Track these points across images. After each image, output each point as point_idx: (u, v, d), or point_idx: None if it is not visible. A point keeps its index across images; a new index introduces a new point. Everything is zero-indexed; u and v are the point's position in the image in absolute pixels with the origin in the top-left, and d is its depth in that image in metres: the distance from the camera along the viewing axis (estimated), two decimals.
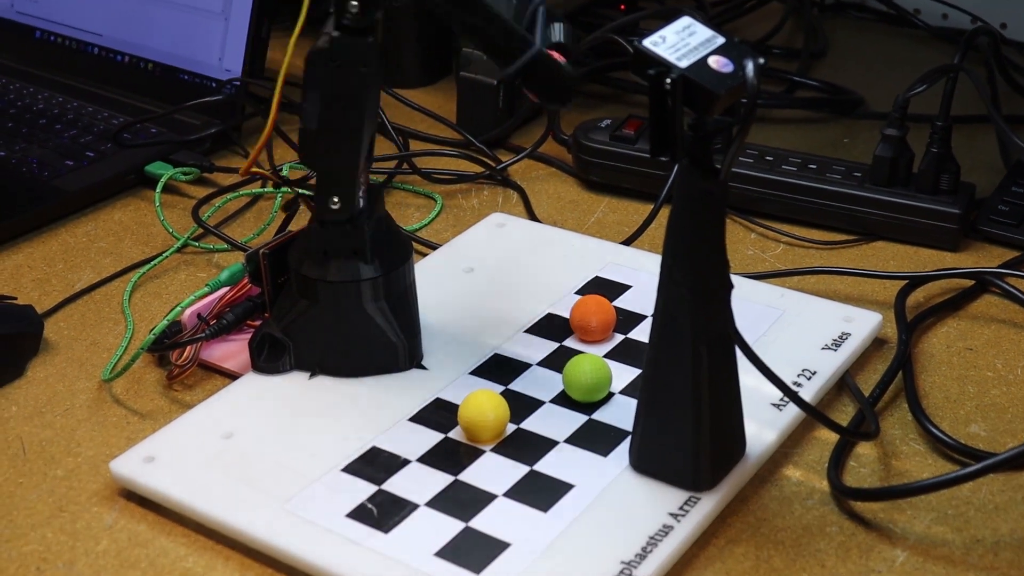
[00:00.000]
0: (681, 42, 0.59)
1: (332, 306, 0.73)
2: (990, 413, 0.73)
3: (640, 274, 0.84)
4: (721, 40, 0.60)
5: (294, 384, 0.74)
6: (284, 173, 0.96)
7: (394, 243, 0.74)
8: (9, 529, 0.66)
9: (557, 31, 0.69)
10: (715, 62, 0.59)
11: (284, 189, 0.94)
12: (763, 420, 0.70)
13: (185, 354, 0.76)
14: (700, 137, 0.60)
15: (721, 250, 0.62)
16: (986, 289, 0.84)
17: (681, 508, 0.64)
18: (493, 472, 0.67)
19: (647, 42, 0.59)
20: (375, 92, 0.70)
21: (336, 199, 0.71)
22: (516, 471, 0.67)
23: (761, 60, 0.58)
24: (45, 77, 1.16)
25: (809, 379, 0.73)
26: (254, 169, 0.73)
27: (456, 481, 0.66)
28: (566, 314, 0.79)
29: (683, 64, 0.58)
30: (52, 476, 0.70)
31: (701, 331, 0.62)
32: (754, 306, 0.79)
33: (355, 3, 0.66)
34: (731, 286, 0.62)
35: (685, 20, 0.61)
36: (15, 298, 0.83)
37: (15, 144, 1.04)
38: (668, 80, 0.57)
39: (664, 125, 0.59)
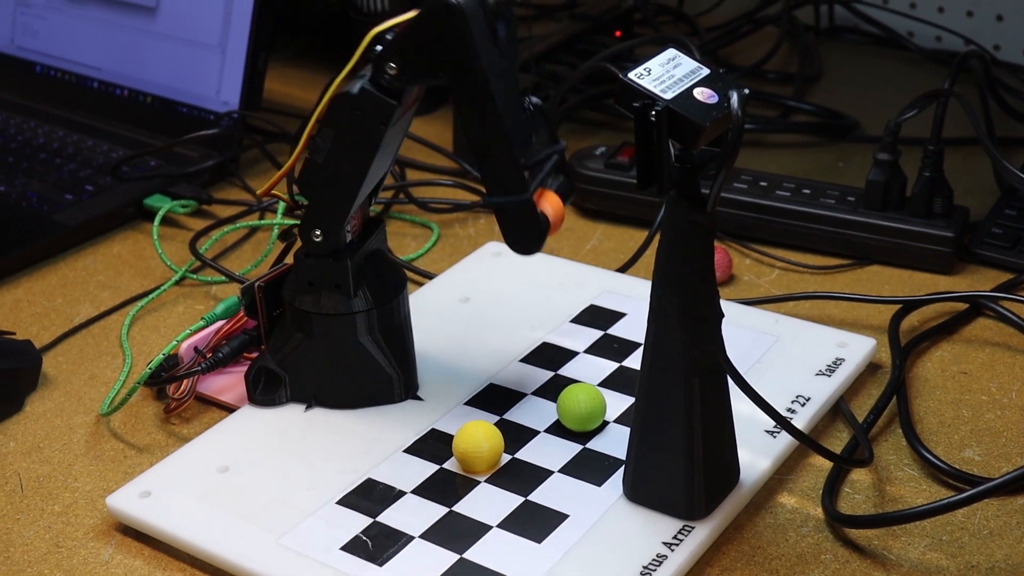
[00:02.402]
0: (666, 74, 0.59)
1: (326, 339, 0.73)
2: (985, 437, 0.73)
3: (635, 302, 0.84)
4: (706, 72, 0.60)
5: (290, 416, 0.74)
6: (281, 203, 0.97)
7: (388, 276, 0.74)
8: (6, 565, 0.67)
9: (553, 183, 0.69)
10: (700, 94, 0.59)
11: (280, 220, 0.95)
12: (757, 447, 0.70)
13: (182, 387, 0.76)
14: (687, 169, 0.60)
15: (710, 280, 0.62)
16: (980, 312, 0.84)
17: (675, 537, 0.64)
18: (488, 503, 0.67)
19: (632, 74, 0.59)
20: (392, 147, 0.70)
21: (319, 232, 0.71)
22: (511, 502, 0.67)
23: (746, 91, 0.58)
24: (45, 111, 1.17)
25: (803, 405, 0.73)
26: (274, 192, 0.73)
27: (451, 512, 0.67)
28: (561, 343, 0.79)
29: (668, 96, 0.58)
30: (49, 512, 0.70)
31: (692, 361, 0.62)
32: (749, 332, 0.80)
33: (393, 65, 0.66)
34: (721, 315, 0.63)
35: (670, 52, 0.61)
36: (14, 333, 0.83)
37: (15, 179, 1.04)
38: (653, 112, 0.58)
39: (651, 157, 0.59)
